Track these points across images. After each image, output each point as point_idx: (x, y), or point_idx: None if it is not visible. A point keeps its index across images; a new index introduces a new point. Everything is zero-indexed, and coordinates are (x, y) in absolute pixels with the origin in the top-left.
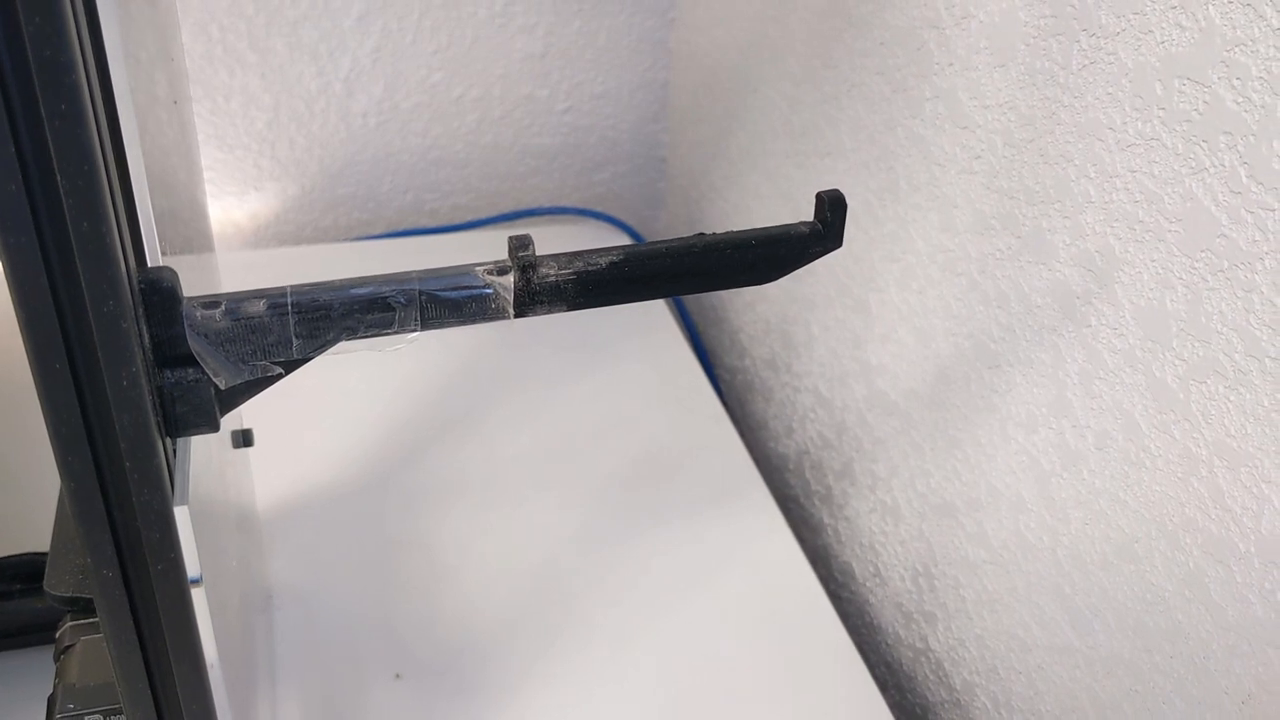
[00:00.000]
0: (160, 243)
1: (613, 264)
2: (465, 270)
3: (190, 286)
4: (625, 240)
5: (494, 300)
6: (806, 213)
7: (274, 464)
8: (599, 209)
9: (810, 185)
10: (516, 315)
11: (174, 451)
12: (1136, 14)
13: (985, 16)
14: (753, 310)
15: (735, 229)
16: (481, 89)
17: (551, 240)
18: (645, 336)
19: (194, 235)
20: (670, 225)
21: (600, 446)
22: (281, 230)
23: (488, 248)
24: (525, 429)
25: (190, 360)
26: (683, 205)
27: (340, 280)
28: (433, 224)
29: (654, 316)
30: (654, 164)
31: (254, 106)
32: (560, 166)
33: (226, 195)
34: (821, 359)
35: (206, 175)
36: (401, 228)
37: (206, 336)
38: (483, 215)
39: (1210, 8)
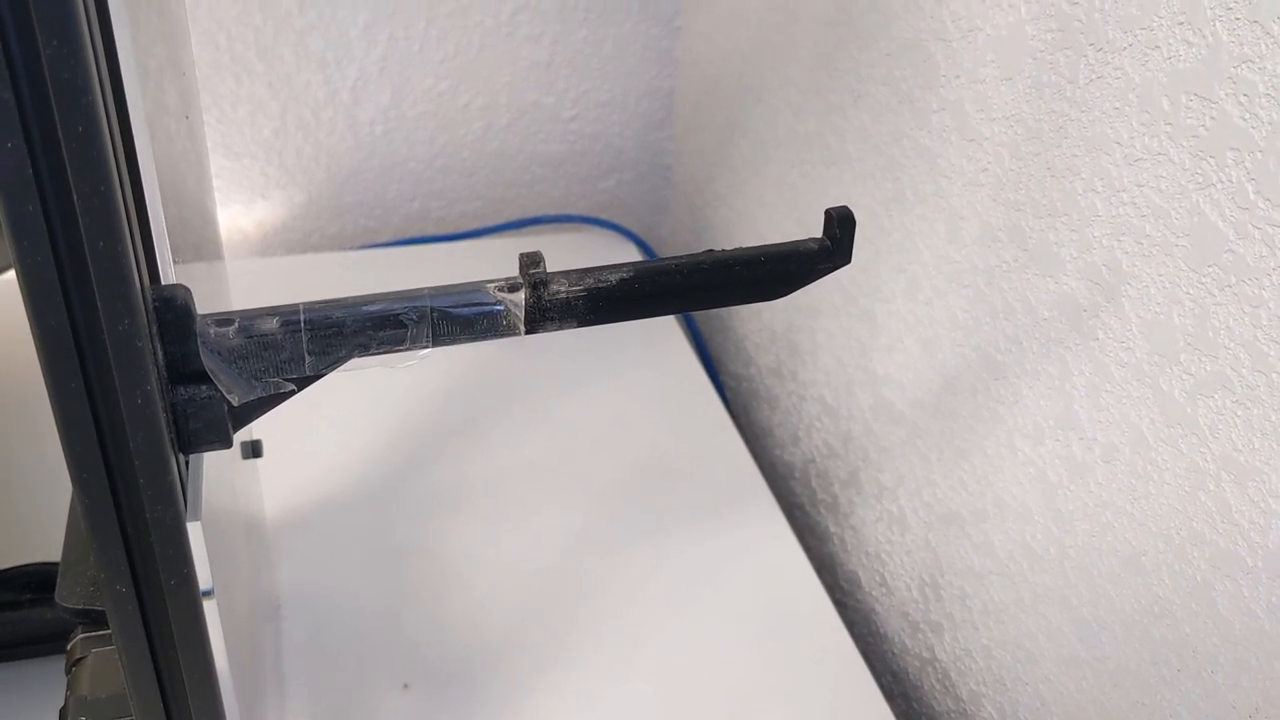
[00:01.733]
0: (172, 255)
1: (623, 281)
2: (476, 287)
3: (200, 296)
4: (631, 248)
5: (505, 317)
6: (811, 222)
7: (282, 473)
8: (604, 216)
9: (815, 194)
10: (527, 332)
11: (187, 467)
12: (1144, 29)
13: (992, 30)
14: (758, 319)
15: (739, 236)
16: (488, 97)
17: (557, 248)
18: (651, 344)
19: (204, 245)
20: (675, 233)
21: (606, 454)
22: (288, 238)
23: (494, 256)
24: (531, 437)
25: (203, 377)
26: (687, 213)
27: (352, 297)
28: (439, 231)
29: (659, 324)
30: (659, 171)
31: (261, 115)
32: (566, 174)
33: (233, 203)
34: (827, 368)
35: (214, 183)
36: (408, 235)
37: (219, 354)
38: (489, 223)
39: (1217, 24)
